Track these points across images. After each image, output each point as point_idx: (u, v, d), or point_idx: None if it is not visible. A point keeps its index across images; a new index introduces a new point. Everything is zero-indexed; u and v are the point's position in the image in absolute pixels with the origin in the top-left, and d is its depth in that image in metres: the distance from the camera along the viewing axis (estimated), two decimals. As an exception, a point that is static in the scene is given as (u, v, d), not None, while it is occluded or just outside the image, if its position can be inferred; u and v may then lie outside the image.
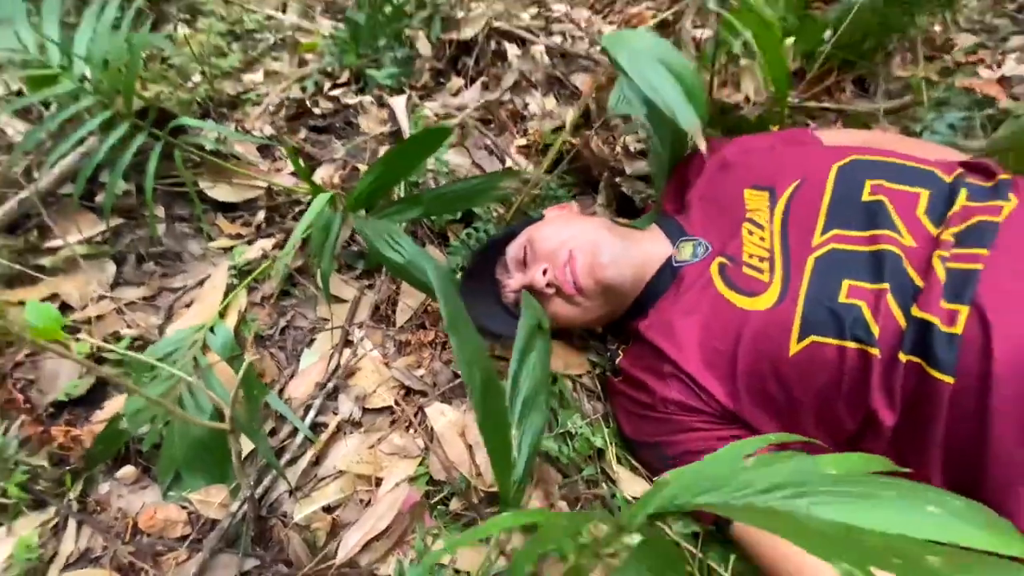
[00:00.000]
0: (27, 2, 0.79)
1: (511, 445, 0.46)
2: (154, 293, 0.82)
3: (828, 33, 1.11)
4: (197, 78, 1.15)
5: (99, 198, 0.85)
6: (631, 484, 0.65)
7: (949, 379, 0.46)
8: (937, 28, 1.30)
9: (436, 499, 0.63)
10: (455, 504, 0.63)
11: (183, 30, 1.34)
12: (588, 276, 0.67)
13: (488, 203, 0.78)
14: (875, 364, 0.49)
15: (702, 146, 0.60)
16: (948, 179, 0.57)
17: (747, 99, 1.13)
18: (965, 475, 0.48)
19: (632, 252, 0.70)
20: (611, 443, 0.67)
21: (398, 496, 0.59)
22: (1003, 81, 1.18)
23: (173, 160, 0.82)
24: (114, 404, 0.69)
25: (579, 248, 0.68)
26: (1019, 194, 0.54)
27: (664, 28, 1.39)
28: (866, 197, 0.57)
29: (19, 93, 0.94)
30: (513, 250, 0.74)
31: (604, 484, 0.64)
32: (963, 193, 0.55)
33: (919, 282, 0.51)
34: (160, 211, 0.90)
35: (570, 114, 1.09)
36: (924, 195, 0.56)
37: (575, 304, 0.69)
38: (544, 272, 0.69)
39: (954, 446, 0.48)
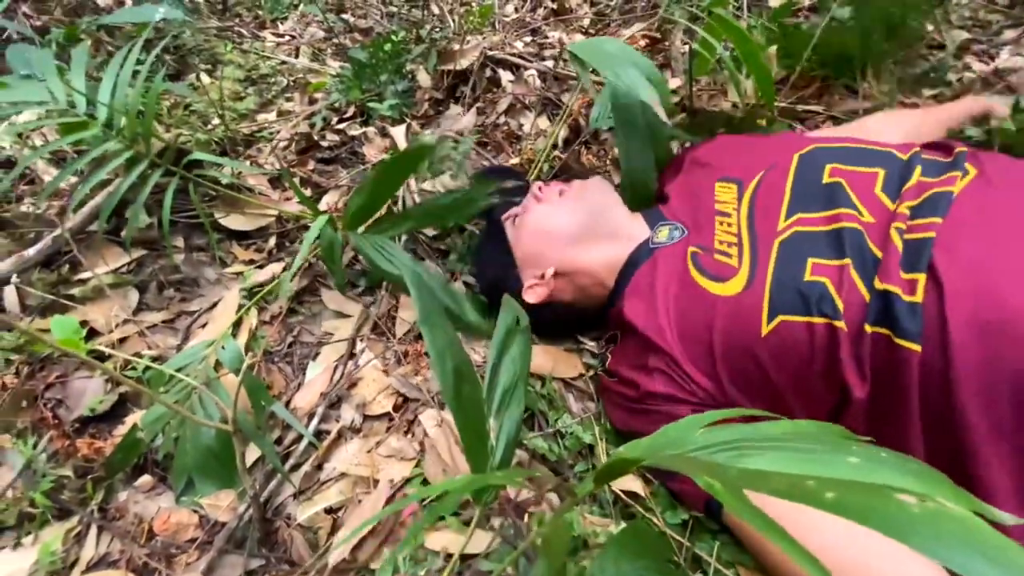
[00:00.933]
0: (59, 59, 0.89)
1: (487, 435, 0.48)
2: (173, 317, 0.88)
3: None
4: (216, 120, 1.25)
5: (124, 232, 0.92)
6: (625, 480, 0.66)
7: (916, 347, 0.47)
8: (929, 27, 1.31)
9: (431, 499, 0.65)
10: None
11: (205, 78, 1.45)
12: (579, 189, 0.79)
13: (475, 214, 0.82)
14: (843, 338, 0.51)
15: (662, 115, 0.64)
16: (904, 157, 0.60)
17: (734, 106, 1.16)
18: (944, 447, 0.48)
19: (618, 210, 0.77)
20: (601, 439, 0.68)
21: (385, 494, 0.61)
22: (997, 73, 1.18)
23: (195, 196, 0.90)
24: (134, 418, 0.74)
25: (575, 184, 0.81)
26: (977, 164, 0.55)
27: (655, 46, 1.45)
28: (825, 180, 0.60)
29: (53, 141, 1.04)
30: (517, 209, 0.83)
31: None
32: (918, 169, 0.57)
33: (879, 255, 0.53)
34: (180, 241, 0.98)
35: (559, 130, 1.14)
36: (881, 173, 0.59)
37: (553, 205, 0.76)
38: (540, 189, 0.80)
39: (931, 418, 0.48)
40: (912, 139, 0.74)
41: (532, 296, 0.76)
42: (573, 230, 0.74)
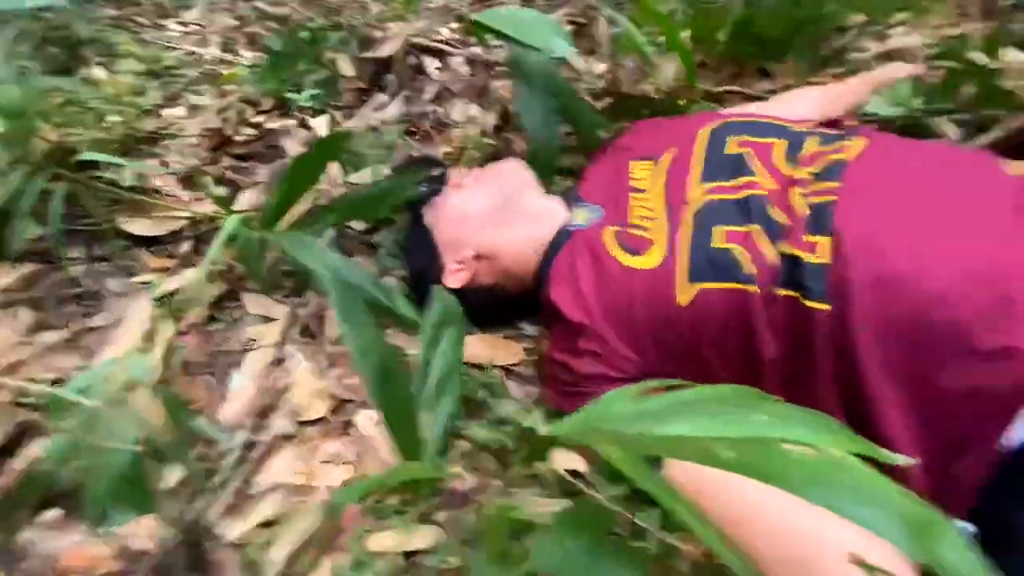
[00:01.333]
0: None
1: (418, 429, 0.47)
2: (74, 335, 0.80)
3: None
4: (112, 118, 1.14)
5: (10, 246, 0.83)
6: (566, 459, 0.66)
7: (823, 306, 0.50)
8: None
9: (372, 502, 0.63)
10: (392, 501, 0.63)
11: (99, 72, 1.33)
12: (492, 172, 0.80)
13: (403, 203, 0.79)
14: (754, 301, 0.53)
15: (578, 64, 0.65)
16: (801, 130, 0.65)
17: (657, 89, 1.19)
18: (855, 403, 0.52)
19: (533, 191, 0.79)
20: (545, 423, 0.69)
21: (319, 500, 0.59)
22: (889, 55, 1.26)
23: (92, 200, 0.82)
24: (30, 451, 0.67)
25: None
26: (866, 136, 0.60)
27: (581, 30, 1.45)
28: (730, 150, 0.64)
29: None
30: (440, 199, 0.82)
31: (537, 464, 0.65)
32: (813, 140, 0.61)
33: (784, 220, 0.56)
34: (80, 252, 0.89)
35: (490, 118, 1.12)
36: (779, 144, 0.63)
37: (470, 193, 0.77)
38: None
39: (842, 376, 0.51)
40: (823, 114, 0.80)
41: (454, 281, 0.75)
42: (489, 211, 0.75)
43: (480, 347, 0.77)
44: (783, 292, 0.52)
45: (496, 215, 0.75)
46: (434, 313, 0.55)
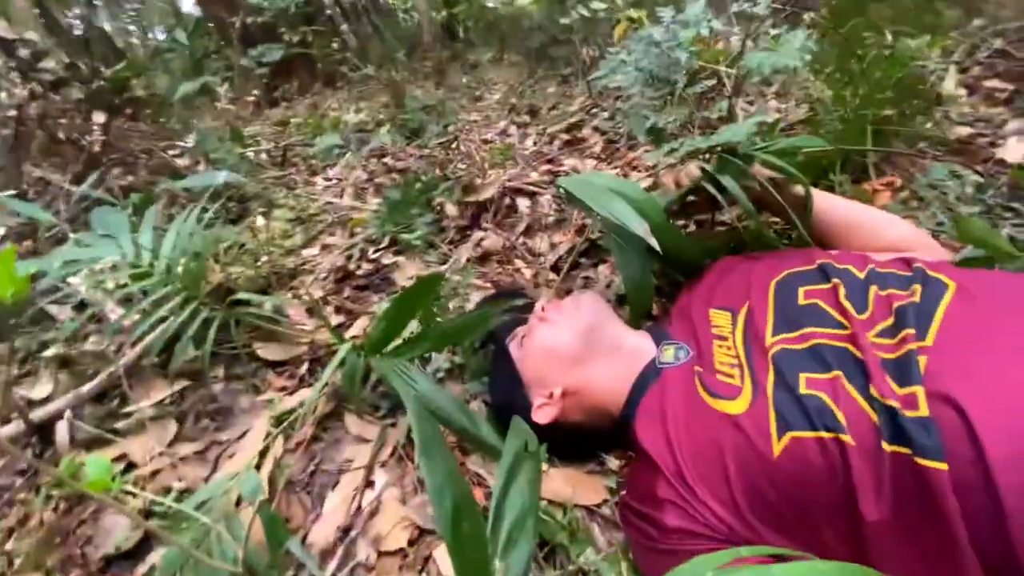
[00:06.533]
0: (138, 216, 1.04)
1: None
2: (205, 447, 0.91)
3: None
4: (266, 258, 1.39)
5: (171, 365, 1.00)
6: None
7: (941, 466, 0.43)
8: (928, 125, 1.35)
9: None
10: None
11: (260, 220, 1.64)
12: (572, 304, 0.81)
13: (486, 333, 0.84)
14: (852, 453, 0.48)
15: (654, 243, 0.68)
16: (861, 275, 0.64)
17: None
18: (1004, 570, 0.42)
19: (615, 324, 0.80)
20: (629, 577, 0.63)
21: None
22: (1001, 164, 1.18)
23: (236, 328, 0.98)
24: (156, 556, 0.74)
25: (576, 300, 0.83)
26: (949, 274, 0.58)
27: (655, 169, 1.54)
28: (801, 301, 0.64)
29: (125, 285, 1.17)
30: (522, 329, 0.85)
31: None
32: (879, 283, 0.61)
33: (866, 364, 0.53)
34: (220, 372, 1.04)
35: (572, 241, 1.20)
36: (844, 287, 0.62)
37: (553, 324, 0.78)
38: (543, 308, 0.82)
39: (985, 548, 0.43)
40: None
41: (542, 416, 0.75)
42: (575, 347, 0.76)
43: (561, 482, 0.75)
44: (892, 448, 0.46)
45: (583, 350, 0.76)
46: (511, 448, 0.56)
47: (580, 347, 0.75)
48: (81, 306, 1.18)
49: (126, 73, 1.94)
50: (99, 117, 1.76)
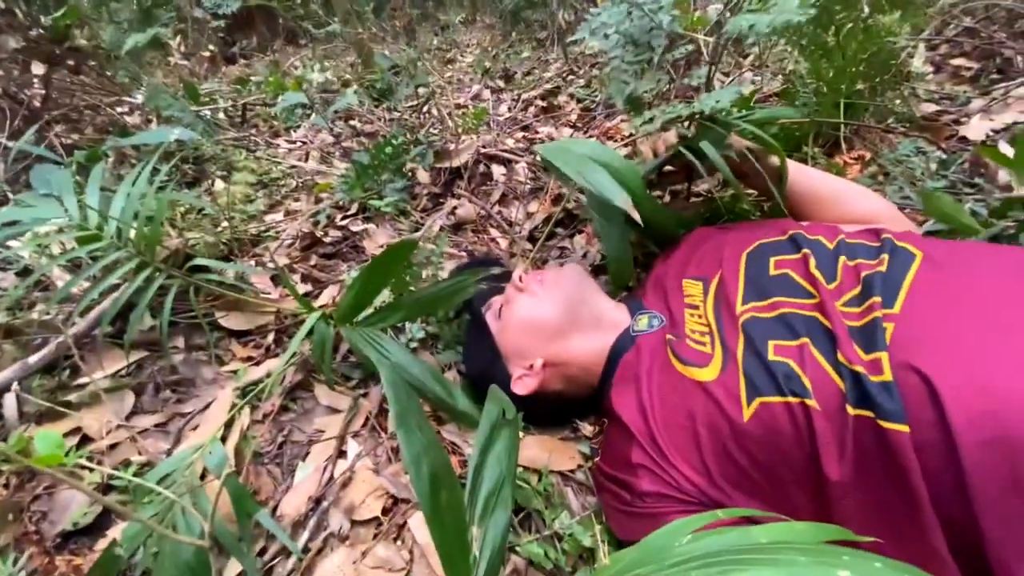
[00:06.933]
0: (85, 176, 0.96)
1: (469, 545, 0.46)
2: (166, 419, 0.87)
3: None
4: (227, 223, 1.32)
5: (126, 335, 0.94)
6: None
7: (903, 427, 0.45)
8: (897, 102, 1.38)
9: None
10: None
11: (219, 184, 1.55)
12: (556, 278, 0.79)
13: (462, 303, 0.83)
14: (816, 417, 0.50)
15: (636, 217, 0.67)
16: (831, 245, 0.65)
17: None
18: (967, 540, 0.44)
19: (598, 296, 0.79)
20: (603, 540, 0.64)
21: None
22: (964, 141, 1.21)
23: (196, 297, 0.93)
24: (116, 532, 0.71)
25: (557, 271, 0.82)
26: (916, 244, 0.60)
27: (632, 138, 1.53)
28: (772, 272, 0.65)
29: (72, 250, 1.10)
30: (499, 299, 0.84)
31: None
32: (848, 253, 0.62)
33: (833, 331, 0.54)
34: (180, 342, 0.99)
35: (548, 211, 1.18)
36: (811, 255, 0.63)
37: (535, 296, 0.77)
38: (520, 279, 0.80)
39: (944, 507, 0.45)
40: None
41: (522, 388, 0.75)
42: (558, 320, 0.75)
43: (536, 449, 0.75)
44: (856, 412, 0.48)
45: (565, 324, 0.75)
46: (487, 417, 0.55)
47: (563, 320, 0.75)
48: (25, 272, 1.11)
49: (67, 20, 1.78)
50: (38, 69, 1.62)
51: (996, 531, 0.42)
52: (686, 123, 0.86)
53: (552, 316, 0.75)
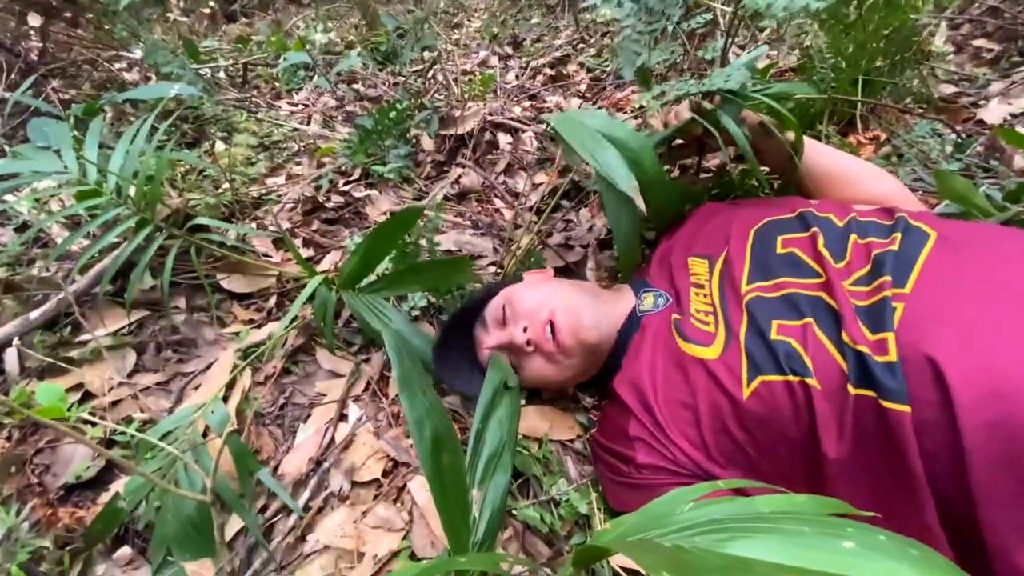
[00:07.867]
0: (81, 132, 0.94)
1: (469, 506, 0.46)
2: (168, 378, 0.87)
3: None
4: (228, 185, 1.30)
5: (127, 294, 0.94)
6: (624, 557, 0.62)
7: (904, 408, 0.45)
8: (916, 81, 1.35)
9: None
10: (437, 579, 0.61)
11: (220, 145, 1.53)
12: (571, 337, 0.69)
13: (467, 278, 0.82)
14: (816, 396, 0.50)
15: (640, 205, 0.65)
16: (840, 223, 0.64)
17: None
18: (958, 516, 0.45)
19: (609, 311, 0.74)
20: (599, 508, 0.65)
21: (368, 571, 0.58)
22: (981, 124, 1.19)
23: (197, 258, 0.92)
24: (118, 486, 0.72)
25: (560, 309, 0.71)
26: (931, 224, 0.58)
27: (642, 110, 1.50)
28: (779, 250, 0.64)
29: (71, 206, 1.08)
30: (492, 309, 0.77)
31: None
32: (859, 232, 0.60)
33: (838, 311, 0.53)
34: (181, 303, 0.99)
35: (554, 182, 1.16)
36: (823, 236, 0.62)
37: (554, 362, 0.70)
38: (524, 330, 0.70)
39: (939, 486, 0.45)
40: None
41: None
42: (579, 373, 0.73)
43: (537, 418, 0.76)
44: (857, 391, 0.48)
45: (585, 368, 0.73)
46: (490, 383, 0.55)
47: (583, 369, 0.73)
48: (23, 228, 1.09)
49: (60, -32, 1.71)
50: (34, 20, 1.57)
51: (992, 510, 0.43)
52: (702, 96, 0.84)
53: (573, 377, 0.73)
